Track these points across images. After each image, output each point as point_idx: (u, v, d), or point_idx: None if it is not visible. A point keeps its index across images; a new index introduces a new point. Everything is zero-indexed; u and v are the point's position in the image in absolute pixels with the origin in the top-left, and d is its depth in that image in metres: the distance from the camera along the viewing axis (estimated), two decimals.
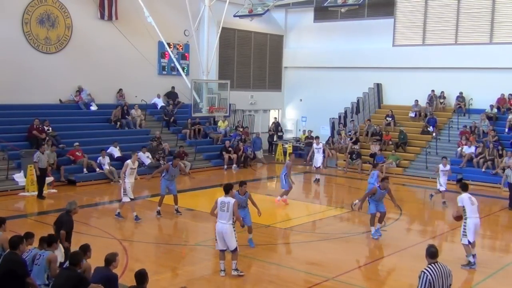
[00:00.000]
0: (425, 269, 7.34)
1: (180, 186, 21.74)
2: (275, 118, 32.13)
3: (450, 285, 7.47)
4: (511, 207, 18.51)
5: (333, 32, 31.15)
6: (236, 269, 11.10)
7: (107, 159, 21.42)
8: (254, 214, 12.98)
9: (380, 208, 14.30)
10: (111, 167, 21.28)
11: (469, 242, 12.01)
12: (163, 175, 16.41)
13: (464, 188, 12.62)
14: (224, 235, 10.83)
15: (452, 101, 27.56)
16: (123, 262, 11.37)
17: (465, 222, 12.15)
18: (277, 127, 31.37)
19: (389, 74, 29.24)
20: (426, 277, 7.23)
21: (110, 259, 8.26)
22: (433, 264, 7.41)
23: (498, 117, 25.51)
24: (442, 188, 18.63)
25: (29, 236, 9.22)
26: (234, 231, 11.00)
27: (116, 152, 22.42)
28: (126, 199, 15.19)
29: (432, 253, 7.53)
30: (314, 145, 23.53)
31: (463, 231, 12.15)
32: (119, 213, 15.52)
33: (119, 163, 22.03)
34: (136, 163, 15.80)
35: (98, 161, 21.23)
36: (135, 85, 26.37)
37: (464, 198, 12.24)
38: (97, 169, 21.08)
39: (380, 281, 11.73)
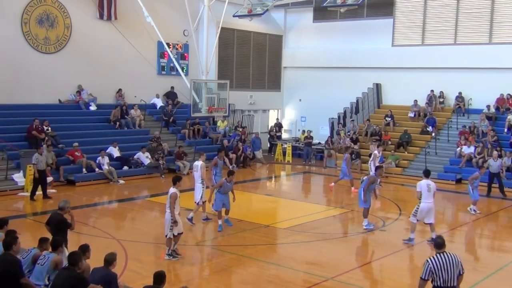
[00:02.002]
0: (430, 258, 7.87)
1: (180, 186, 21.77)
2: (277, 118, 32.10)
3: (460, 273, 7.91)
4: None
5: (332, 32, 31.16)
6: (168, 254, 11.90)
7: (106, 159, 21.41)
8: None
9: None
10: (110, 167, 21.28)
11: (417, 221, 13.57)
12: (214, 172, 16.27)
13: (425, 174, 13.79)
14: (166, 221, 11.95)
15: (451, 101, 27.57)
16: (123, 262, 11.37)
17: (418, 205, 13.55)
18: (279, 127, 31.31)
19: (388, 74, 29.26)
20: (428, 266, 7.77)
21: (110, 259, 8.26)
22: (439, 254, 7.86)
23: (497, 117, 25.53)
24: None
25: (43, 241, 9.17)
26: (172, 223, 11.73)
27: (115, 152, 22.42)
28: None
29: (438, 244, 8.03)
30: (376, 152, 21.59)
31: (414, 211, 13.64)
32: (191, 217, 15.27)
33: (118, 163, 22.11)
34: None
35: (97, 161, 21.22)
36: (134, 85, 26.38)
37: (422, 184, 13.46)
38: (96, 169, 21.08)
39: (379, 281, 11.73)
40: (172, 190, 12.02)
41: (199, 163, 15.64)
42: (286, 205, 19.20)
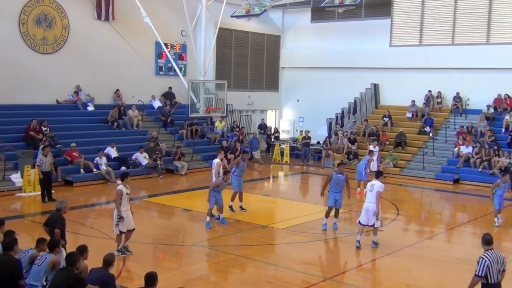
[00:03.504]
0: (484, 254, 7.94)
1: (178, 186, 21.86)
2: (262, 119, 31.93)
3: (504, 270, 8.08)
4: None
5: (330, 32, 31.17)
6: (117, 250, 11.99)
7: (104, 160, 21.40)
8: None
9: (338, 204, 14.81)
10: (108, 167, 21.26)
11: (359, 222, 13.40)
12: (233, 171, 16.39)
13: (376, 175, 13.75)
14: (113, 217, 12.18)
15: (449, 101, 27.59)
16: (121, 263, 11.37)
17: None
18: (263, 128, 31.14)
19: (386, 75, 29.28)
20: (485, 262, 7.85)
21: (108, 260, 8.26)
22: (489, 251, 8.01)
23: (495, 118, 25.56)
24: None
25: (40, 241, 9.17)
26: (118, 219, 11.90)
27: (113, 152, 22.41)
28: None
29: (487, 240, 8.12)
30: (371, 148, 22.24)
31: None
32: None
33: (116, 163, 22.10)
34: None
35: (95, 162, 21.21)
36: (132, 85, 26.37)
37: (368, 185, 13.56)
38: (94, 170, 21.06)
39: (376, 281, 11.74)
40: (119, 186, 12.23)
41: (215, 161, 16.20)
42: (284, 205, 19.22)
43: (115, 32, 25.24)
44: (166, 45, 27.31)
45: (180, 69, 28.21)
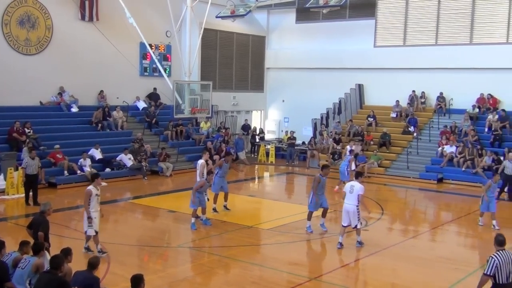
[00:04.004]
0: (494, 254, 8.03)
1: (163, 187, 21.79)
2: (246, 120, 31.88)
3: None
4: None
5: (315, 33, 31.27)
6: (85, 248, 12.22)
7: (88, 161, 21.26)
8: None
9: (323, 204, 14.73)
10: (92, 169, 21.11)
11: (342, 225, 13.33)
12: (216, 173, 16.42)
13: (355, 175, 13.75)
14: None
15: (432, 101, 27.81)
16: (105, 265, 11.30)
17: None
18: (247, 129, 31.09)
19: (370, 75, 29.45)
20: (494, 262, 7.93)
21: (93, 263, 8.21)
22: (500, 251, 8.07)
23: (478, 117, 25.80)
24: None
25: (24, 244, 9.10)
26: (88, 219, 11.87)
27: (97, 154, 22.28)
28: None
29: (500, 241, 8.20)
30: (348, 148, 22.89)
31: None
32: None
33: (100, 165, 21.97)
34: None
35: (79, 163, 21.06)
36: (116, 86, 26.24)
37: (347, 186, 13.53)
38: (78, 172, 20.91)
39: (362, 280, 11.80)
40: (89, 187, 12.22)
41: (200, 162, 16.42)
42: (270, 206, 19.24)
43: (99, 33, 25.11)
44: (150, 45, 27.22)
45: (165, 69, 28.13)
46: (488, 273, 7.94)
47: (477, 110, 25.99)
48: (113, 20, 25.71)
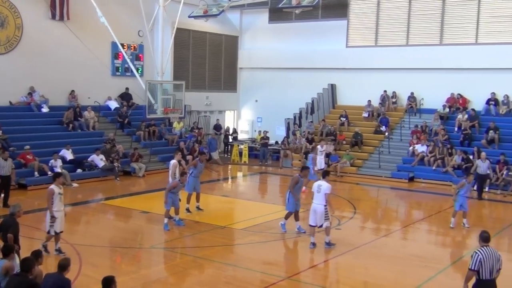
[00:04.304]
0: (478, 250, 8.19)
1: (135, 188, 21.65)
2: (217, 120, 31.78)
3: (499, 269, 8.26)
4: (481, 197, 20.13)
5: (288, 33, 31.38)
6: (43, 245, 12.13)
7: (59, 162, 20.99)
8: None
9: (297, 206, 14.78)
10: (63, 170, 20.85)
11: (310, 225, 13.45)
12: (190, 172, 16.37)
13: (322, 175, 13.79)
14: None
15: (403, 101, 28.15)
16: (77, 267, 11.18)
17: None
18: (219, 129, 31.02)
19: (342, 75, 29.67)
20: (478, 257, 8.06)
21: (63, 265, 8.11)
22: (485, 247, 8.22)
23: (448, 117, 26.20)
24: None
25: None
26: (51, 220, 11.94)
27: (68, 155, 22.02)
28: None
29: (485, 238, 8.34)
30: (318, 147, 23.03)
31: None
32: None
33: (71, 166, 21.73)
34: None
35: (49, 164, 20.78)
36: (88, 86, 25.95)
37: (314, 185, 13.47)
38: (49, 173, 20.55)
39: (335, 279, 11.90)
40: (51, 186, 12.27)
41: (172, 162, 16.38)
42: (243, 205, 19.25)
43: (70, 32, 24.81)
44: (122, 45, 27.00)
45: (137, 69, 27.93)
46: (473, 268, 8.08)
47: (447, 109, 26.39)
48: (84, 19, 25.43)
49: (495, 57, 25.19)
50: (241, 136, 32.52)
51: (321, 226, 13.29)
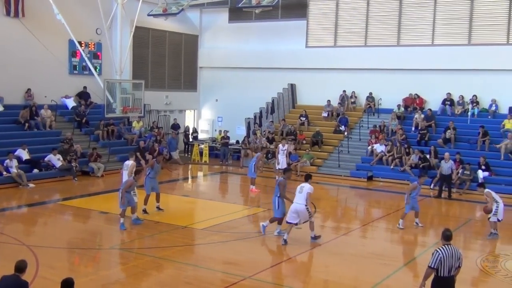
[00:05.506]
0: (439, 248, 8.29)
1: (94, 188, 21.32)
2: (175, 119, 31.53)
3: (459, 266, 8.38)
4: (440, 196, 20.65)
5: (248, 33, 31.41)
6: None
7: (14, 162, 20.50)
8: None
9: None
10: (19, 170, 20.40)
11: (287, 222, 13.75)
12: (147, 173, 16.25)
13: (305, 178, 14.19)
14: None
15: (362, 101, 28.52)
16: (34, 269, 10.94)
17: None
18: (177, 128, 30.75)
19: (302, 75, 29.89)
20: (438, 255, 8.18)
21: (20, 267, 7.93)
22: (446, 245, 8.30)
23: (405, 116, 26.68)
24: None
25: None
26: None
27: (24, 154, 21.53)
28: None
29: (447, 236, 8.41)
30: (280, 147, 23.34)
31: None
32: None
33: (28, 166, 21.25)
34: None
35: (5, 165, 20.29)
36: (44, 84, 25.40)
37: (298, 187, 13.90)
38: (4, 173, 20.15)
39: (296, 277, 11.95)
40: None
41: (129, 162, 16.14)
42: (203, 205, 19.18)
43: (26, 29, 24.25)
44: (80, 43, 26.51)
45: (95, 68, 27.50)
46: (432, 265, 8.20)
47: (403, 109, 26.86)
48: (40, 16, 24.89)
49: (450, 58, 25.77)
50: (201, 136, 32.39)
51: (305, 221, 13.72)
